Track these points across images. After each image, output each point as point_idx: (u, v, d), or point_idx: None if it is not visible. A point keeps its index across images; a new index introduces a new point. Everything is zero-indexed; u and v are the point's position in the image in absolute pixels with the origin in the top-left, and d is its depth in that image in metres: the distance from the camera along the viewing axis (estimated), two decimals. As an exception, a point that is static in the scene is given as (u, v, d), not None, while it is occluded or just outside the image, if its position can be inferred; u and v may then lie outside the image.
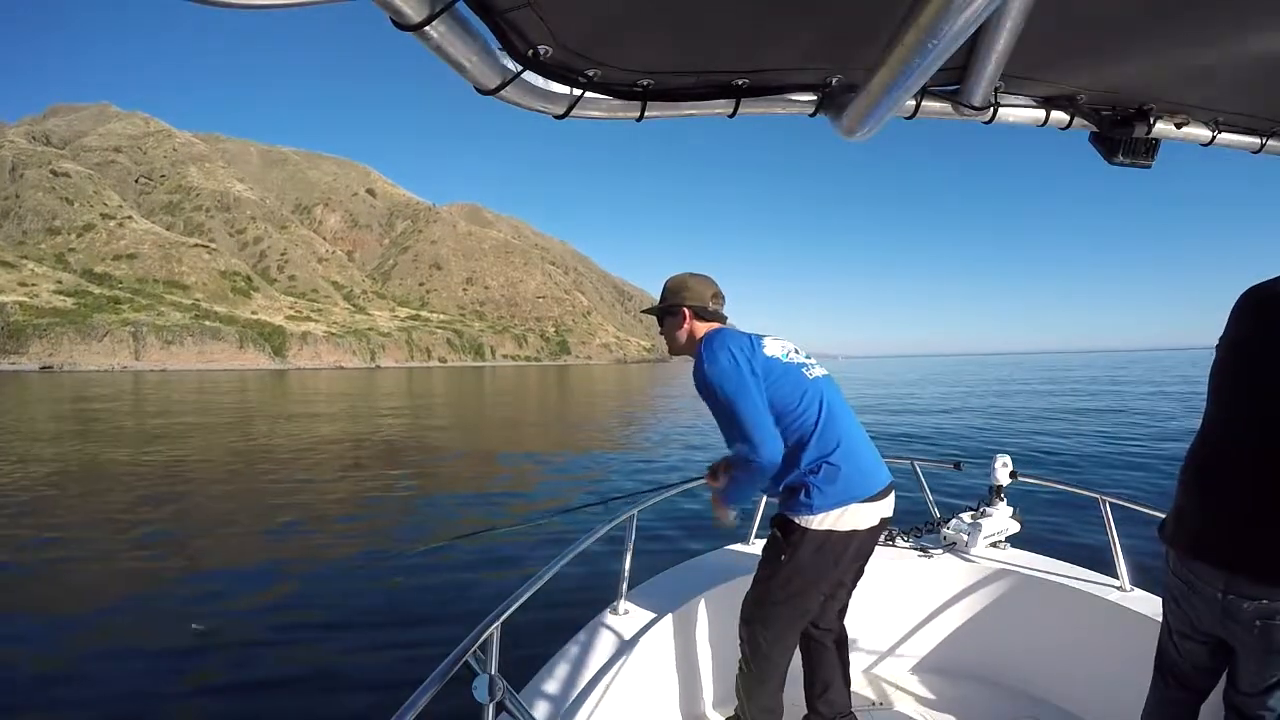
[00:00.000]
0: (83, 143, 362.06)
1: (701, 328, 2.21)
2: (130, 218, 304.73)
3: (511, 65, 1.09)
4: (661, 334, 2.29)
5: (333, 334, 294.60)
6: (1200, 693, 1.82)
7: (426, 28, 0.89)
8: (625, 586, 2.48)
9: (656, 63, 1.24)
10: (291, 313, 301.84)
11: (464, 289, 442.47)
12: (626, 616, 2.41)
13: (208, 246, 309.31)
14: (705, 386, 2.03)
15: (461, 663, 1.43)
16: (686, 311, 2.21)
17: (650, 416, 26.61)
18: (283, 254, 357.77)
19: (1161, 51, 1.31)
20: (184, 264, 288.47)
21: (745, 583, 2.22)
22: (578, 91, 1.21)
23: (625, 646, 2.21)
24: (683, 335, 2.23)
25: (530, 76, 1.13)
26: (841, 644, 2.31)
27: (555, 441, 19.40)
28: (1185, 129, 1.56)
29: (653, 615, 2.41)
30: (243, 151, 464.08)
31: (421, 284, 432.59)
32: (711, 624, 2.58)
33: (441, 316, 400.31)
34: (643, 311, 2.40)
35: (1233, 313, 1.64)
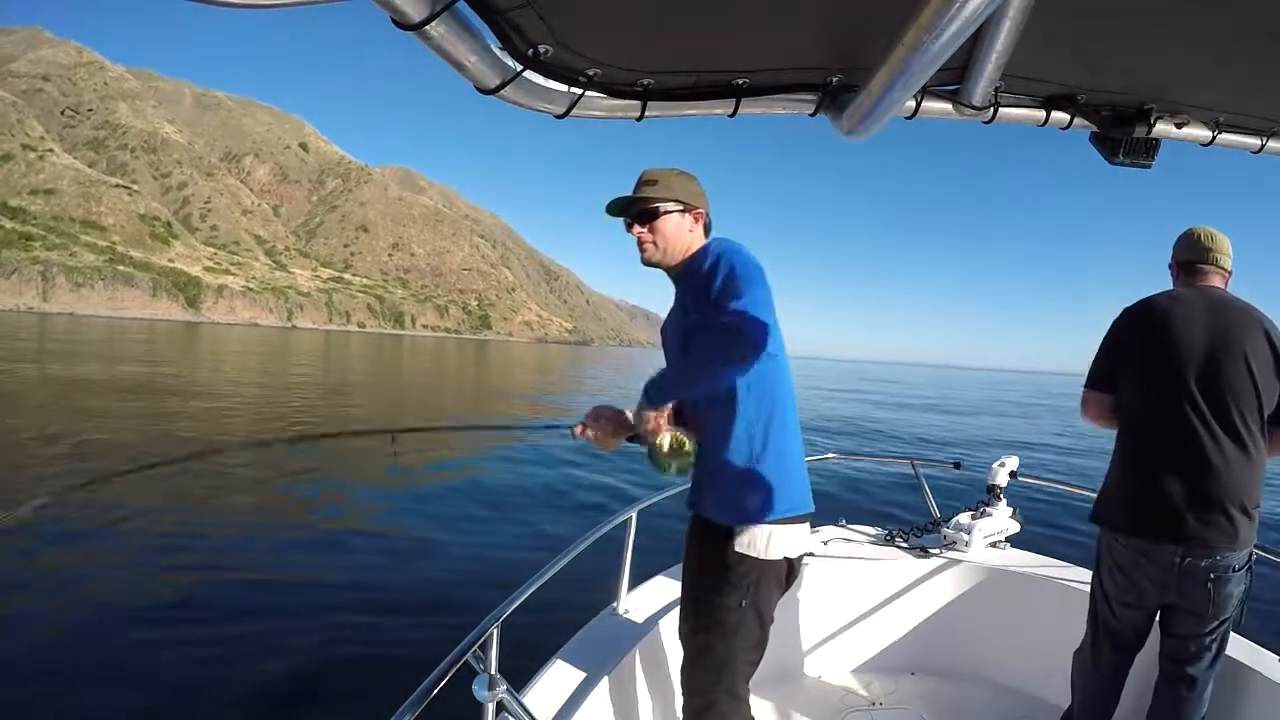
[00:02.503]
0: (10, 68, 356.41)
1: (701, 241, 1.84)
2: (51, 150, 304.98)
3: (512, 65, 1.10)
4: (650, 235, 1.78)
5: (251, 289, 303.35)
6: (1133, 653, 2.12)
7: (427, 27, 0.89)
8: (625, 586, 2.48)
9: (656, 62, 1.25)
10: (210, 264, 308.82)
11: (389, 254, 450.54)
12: (626, 616, 2.42)
13: (129, 188, 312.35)
14: (720, 263, 1.65)
15: (461, 662, 1.44)
16: (702, 217, 1.84)
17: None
18: (206, 202, 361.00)
19: (1161, 51, 1.32)
20: (103, 204, 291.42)
21: None
22: (578, 91, 1.22)
23: (625, 646, 2.22)
24: (690, 241, 1.82)
25: (531, 76, 1.14)
26: None
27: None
28: (1185, 129, 1.58)
29: (653, 615, 2.42)
30: (176, 92, 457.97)
31: (346, 245, 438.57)
32: None
33: (364, 280, 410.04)
34: (638, 197, 1.78)
35: (1132, 324, 2.06)
